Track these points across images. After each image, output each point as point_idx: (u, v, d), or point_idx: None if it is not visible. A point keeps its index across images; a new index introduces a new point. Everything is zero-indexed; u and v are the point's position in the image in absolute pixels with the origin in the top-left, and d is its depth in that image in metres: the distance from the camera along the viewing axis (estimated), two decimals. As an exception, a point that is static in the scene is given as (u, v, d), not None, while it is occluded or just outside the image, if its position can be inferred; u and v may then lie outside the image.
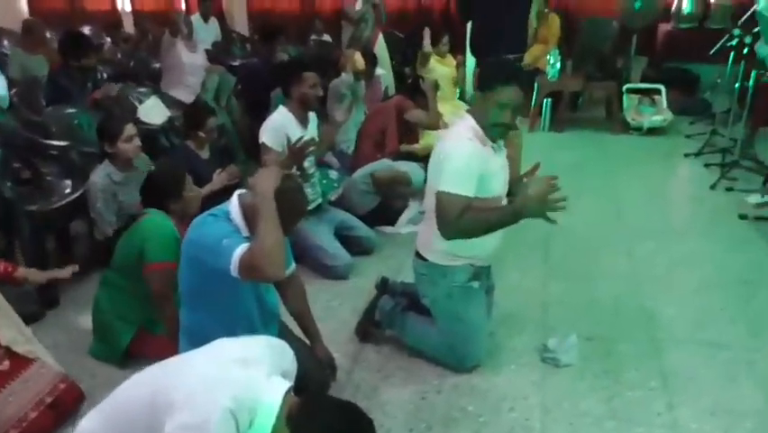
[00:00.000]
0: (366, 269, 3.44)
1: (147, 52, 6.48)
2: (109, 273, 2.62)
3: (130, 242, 2.47)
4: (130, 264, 2.47)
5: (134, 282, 2.49)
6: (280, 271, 1.83)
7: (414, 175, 3.89)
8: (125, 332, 2.59)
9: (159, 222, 2.44)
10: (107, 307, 2.62)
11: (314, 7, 8.30)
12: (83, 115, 3.85)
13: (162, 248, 2.39)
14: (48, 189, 3.36)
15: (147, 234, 2.41)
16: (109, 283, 2.63)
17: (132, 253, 2.45)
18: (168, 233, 2.41)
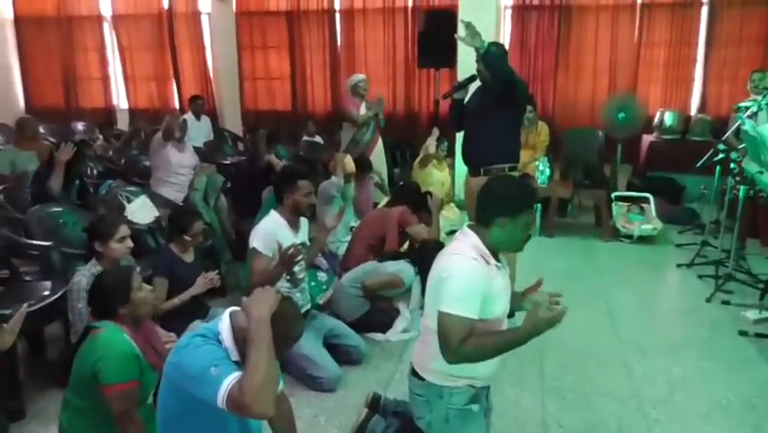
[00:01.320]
0: (354, 380, 3.28)
1: (138, 150, 6.52)
2: (68, 394, 2.40)
3: (84, 360, 2.26)
4: (86, 384, 2.27)
5: (92, 403, 2.27)
6: (269, 410, 1.68)
7: (404, 274, 3.82)
8: None
9: (114, 338, 2.25)
10: (68, 427, 2.39)
11: (306, 108, 8.52)
12: (69, 214, 3.78)
13: (120, 368, 2.19)
14: (25, 291, 3.22)
15: (102, 352, 2.20)
16: (68, 404, 2.40)
17: (87, 373, 2.24)
18: (124, 350, 2.23)
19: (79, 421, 2.37)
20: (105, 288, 2.39)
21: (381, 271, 3.80)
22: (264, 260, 3.15)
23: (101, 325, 2.31)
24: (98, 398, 2.23)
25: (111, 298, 2.36)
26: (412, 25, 7.81)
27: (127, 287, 2.39)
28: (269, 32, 8.52)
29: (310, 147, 6.99)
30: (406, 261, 3.88)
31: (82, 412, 2.36)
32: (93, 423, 2.35)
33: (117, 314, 2.36)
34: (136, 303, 2.41)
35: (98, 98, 9.41)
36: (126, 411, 2.21)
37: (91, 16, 9.18)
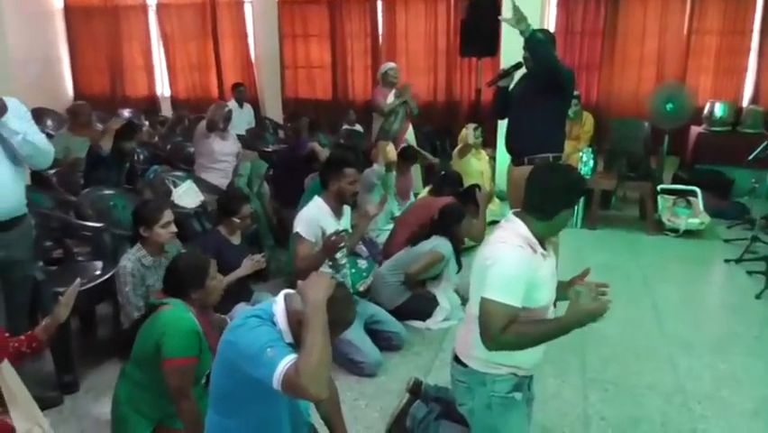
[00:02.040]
0: (394, 366, 3.30)
1: (182, 137, 6.66)
2: (128, 366, 2.51)
3: (148, 334, 2.36)
4: (148, 358, 2.36)
5: (153, 377, 2.37)
6: (323, 392, 1.70)
7: (441, 248, 3.81)
8: (143, 428, 2.45)
9: (179, 315, 2.34)
10: (125, 400, 2.49)
11: (346, 97, 8.54)
12: (119, 197, 3.89)
13: (181, 343, 2.28)
14: (78, 270, 3.32)
15: (166, 328, 2.30)
16: (128, 376, 2.51)
17: (150, 347, 2.34)
18: (188, 327, 2.31)
19: (137, 394, 2.46)
20: (182, 271, 2.47)
21: (419, 254, 3.80)
22: (307, 245, 3.19)
23: (168, 301, 2.39)
24: (157, 372, 2.31)
25: (186, 281, 2.45)
26: (454, 13, 7.75)
27: (204, 273, 2.47)
28: (310, 20, 8.57)
29: (350, 135, 7.01)
30: (437, 235, 3.88)
31: (140, 385, 2.45)
32: (149, 396, 2.44)
33: (189, 297, 2.44)
34: (209, 290, 2.49)
35: (142, 87, 9.63)
36: (182, 387, 2.29)
37: (136, 6, 9.37)
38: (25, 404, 2.19)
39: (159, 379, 2.31)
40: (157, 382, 2.35)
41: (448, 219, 3.90)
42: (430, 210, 4.06)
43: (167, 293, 2.49)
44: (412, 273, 3.75)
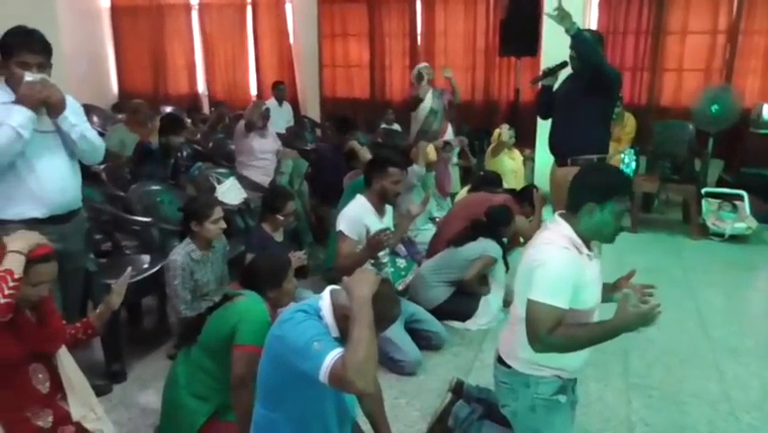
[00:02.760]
0: (434, 366, 3.31)
1: (223, 134, 6.78)
2: (195, 350, 2.55)
3: (223, 320, 2.42)
4: (218, 344, 2.41)
5: (219, 364, 2.42)
6: (370, 386, 1.73)
7: (492, 251, 3.81)
8: (200, 414, 2.49)
9: (255, 304, 2.41)
10: (185, 384, 2.54)
11: (384, 96, 8.57)
12: (165, 193, 3.98)
13: (254, 331, 2.32)
14: (126, 263, 3.41)
15: (243, 315, 2.37)
16: (192, 360, 2.55)
17: (223, 332, 2.40)
18: (263, 317, 2.36)
19: (199, 378, 2.51)
20: (263, 269, 2.54)
21: (466, 258, 3.78)
22: (350, 243, 3.22)
23: (244, 292, 2.45)
24: (225, 359, 2.36)
25: (265, 279, 2.51)
26: (494, 13, 7.70)
27: (282, 275, 2.53)
28: (349, 19, 8.61)
29: (388, 135, 7.03)
30: (483, 237, 3.86)
31: (205, 370, 2.50)
32: (212, 382, 2.49)
33: (265, 295, 2.49)
34: (284, 291, 2.54)
35: (184, 84, 9.80)
36: (246, 375, 2.31)
37: (179, 5, 9.54)
38: (81, 390, 2.26)
39: (224, 367, 2.37)
40: (222, 369, 2.40)
41: (497, 222, 3.88)
42: (486, 206, 4.02)
43: (244, 287, 2.55)
44: (469, 280, 3.75)
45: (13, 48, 2.41)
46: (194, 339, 2.59)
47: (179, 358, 2.67)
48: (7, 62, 2.41)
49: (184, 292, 3.04)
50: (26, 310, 2.09)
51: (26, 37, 2.45)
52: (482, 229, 3.87)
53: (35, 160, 2.50)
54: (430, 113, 5.60)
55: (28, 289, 2.00)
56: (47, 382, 2.17)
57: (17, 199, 2.48)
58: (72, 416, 2.17)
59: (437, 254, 3.97)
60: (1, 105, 2.40)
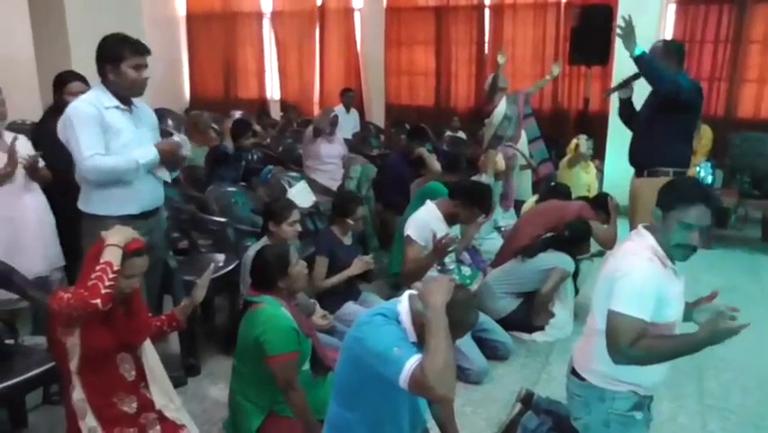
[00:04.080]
0: (500, 376, 3.29)
1: (292, 139, 6.95)
2: (235, 361, 2.66)
3: (247, 331, 2.48)
4: (249, 353, 2.49)
5: (256, 370, 2.50)
6: (450, 393, 1.75)
7: (566, 265, 3.75)
8: (255, 416, 2.58)
9: (274, 313, 2.45)
10: (238, 390, 2.65)
11: (449, 104, 8.57)
12: (240, 194, 4.12)
13: (282, 341, 2.39)
14: (203, 261, 3.55)
15: (264, 326, 2.42)
16: (237, 372, 2.66)
17: (250, 343, 2.47)
18: (285, 324, 2.42)
19: (246, 386, 2.60)
20: (265, 262, 2.60)
21: (537, 268, 3.72)
22: (417, 248, 3.25)
23: (261, 300, 2.51)
24: (260, 366, 2.44)
25: (271, 271, 2.56)
26: (564, 21, 7.59)
27: (285, 261, 2.59)
28: (416, 27, 8.65)
29: (454, 142, 7.03)
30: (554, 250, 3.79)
31: (247, 378, 2.59)
32: (256, 388, 2.57)
33: (276, 287, 2.55)
34: (293, 277, 2.61)
35: (253, 90, 10.08)
36: (289, 379, 2.41)
37: (252, 13, 9.82)
38: (162, 381, 2.37)
39: (262, 371, 2.45)
40: (260, 374, 2.48)
41: (576, 238, 3.81)
42: (561, 212, 3.94)
43: (256, 288, 2.61)
44: (546, 293, 3.71)
45: (123, 53, 2.58)
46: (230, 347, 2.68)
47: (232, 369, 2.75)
48: (118, 66, 2.58)
49: (259, 290, 3.13)
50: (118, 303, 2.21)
51: (133, 42, 2.63)
52: (557, 242, 3.79)
53: None
54: (504, 119, 5.58)
55: (122, 281, 2.11)
56: (132, 371, 2.28)
57: (117, 198, 2.65)
58: (155, 403, 2.28)
59: (505, 264, 3.93)
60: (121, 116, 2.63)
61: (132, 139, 2.66)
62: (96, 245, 2.17)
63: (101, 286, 2.00)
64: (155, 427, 2.24)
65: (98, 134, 2.56)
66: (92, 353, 2.13)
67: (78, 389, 2.13)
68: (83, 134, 2.54)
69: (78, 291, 2.04)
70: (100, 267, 2.04)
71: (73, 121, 2.54)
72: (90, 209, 2.67)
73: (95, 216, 2.64)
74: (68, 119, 2.57)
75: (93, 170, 2.57)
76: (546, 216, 4.12)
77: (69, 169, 2.66)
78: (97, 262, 2.08)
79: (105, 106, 2.59)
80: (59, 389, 2.73)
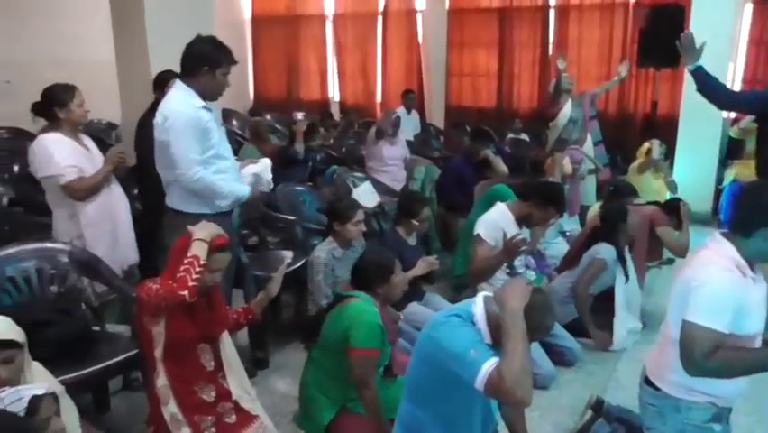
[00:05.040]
0: (566, 382, 3.25)
1: (354, 140, 7.04)
2: (316, 351, 2.72)
3: (337, 323, 2.54)
4: (334, 345, 2.54)
5: (337, 363, 2.55)
6: (528, 398, 1.74)
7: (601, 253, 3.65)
8: (327, 409, 2.64)
9: (366, 308, 2.50)
10: (312, 382, 2.71)
11: (511, 105, 8.49)
12: (308, 194, 4.21)
13: (367, 335, 2.44)
14: (272, 258, 3.65)
15: (354, 319, 2.47)
16: (315, 361, 2.73)
17: (337, 335, 2.52)
18: (373, 321, 2.46)
19: (322, 378, 2.66)
20: (370, 266, 2.65)
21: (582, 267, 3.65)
22: (486, 247, 3.26)
23: (355, 294, 2.56)
24: (342, 359, 2.49)
25: (374, 275, 2.61)
26: (633, 21, 7.41)
27: (390, 269, 2.63)
28: (478, 29, 8.63)
29: (516, 145, 6.96)
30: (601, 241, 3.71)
31: (326, 370, 2.65)
32: (334, 381, 2.62)
33: (374, 291, 2.60)
34: (393, 285, 2.65)
35: (315, 91, 10.26)
36: (365, 376, 2.45)
37: (315, 15, 10.00)
38: (238, 372, 2.45)
39: (343, 365, 2.49)
40: (341, 368, 2.52)
41: (612, 220, 3.68)
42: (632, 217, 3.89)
43: (354, 286, 2.67)
44: (579, 290, 3.60)
45: (221, 60, 2.69)
46: (314, 339, 2.74)
47: (309, 356, 2.82)
48: (214, 71, 2.68)
49: (325, 287, 3.20)
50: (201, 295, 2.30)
51: (229, 51, 2.75)
52: (600, 234, 3.71)
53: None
54: (569, 121, 5.50)
55: (207, 275, 2.20)
56: (211, 362, 2.37)
57: (191, 196, 2.76)
58: (231, 393, 2.36)
59: (571, 269, 3.87)
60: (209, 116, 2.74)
61: (220, 138, 2.78)
62: (182, 239, 2.27)
63: (188, 278, 2.10)
64: (231, 416, 2.32)
65: (198, 141, 2.68)
66: (176, 342, 2.23)
67: (162, 376, 2.23)
68: (187, 143, 2.65)
69: (167, 282, 2.14)
70: (188, 260, 2.14)
71: (177, 127, 2.63)
72: (174, 205, 2.81)
73: (178, 211, 2.78)
74: (170, 125, 2.64)
75: (196, 184, 2.71)
76: None
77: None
78: (184, 255, 2.18)
79: (196, 107, 2.69)
80: (141, 375, 2.87)
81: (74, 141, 3.02)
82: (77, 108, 2.96)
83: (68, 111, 2.95)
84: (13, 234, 3.45)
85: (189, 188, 2.73)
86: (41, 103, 2.98)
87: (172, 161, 2.67)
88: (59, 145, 2.95)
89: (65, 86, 2.99)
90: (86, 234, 2.99)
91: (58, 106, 2.94)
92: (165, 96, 2.83)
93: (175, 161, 2.67)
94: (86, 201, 2.99)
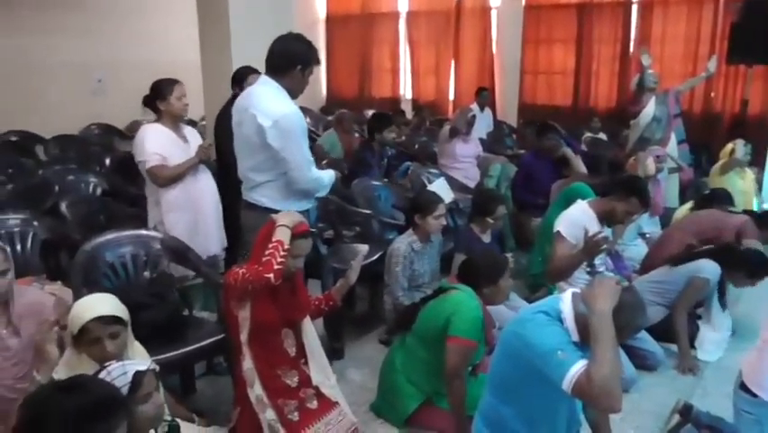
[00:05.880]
0: (649, 386, 3.14)
1: (426, 137, 7.04)
2: (410, 339, 2.74)
3: (437, 311, 2.56)
4: (431, 334, 2.55)
5: (431, 353, 2.56)
6: (617, 405, 1.70)
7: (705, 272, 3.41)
8: (413, 399, 2.68)
9: (469, 299, 2.51)
10: (401, 369, 2.73)
11: (587, 104, 8.26)
12: (383, 188, 4.25)
13: (468, 325, 2.44)
14: (347, 251, 3.70)
15: (457, 307, 2.49)
16: (407, 348, 2.75)
17: (437, 322, 2.54)
18: (476, 313, 2.46)
19: (413, 365, 2.69)
20: (482, 265, 2.67)
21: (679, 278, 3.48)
22: (567, 245, 3.19)
23: (459, 286, 2.58)
24: (437, 349, 2.51)
25: (483, 276, 2.62)
26: (723, 16, 7.06)
27: (500, 272, 2.64)
28: (556, 25, 8.44)
29: (594, 144, 6.77)
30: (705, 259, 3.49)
31: (419, 358, 2.68)
32: (425, 370, 2.66)
33: (480, 289, 2.61)
34: (500, 289, 2.65)
35: (387, 88, 10.31)
36: (459, 366, 2.46)
37: (389, 13, 10.05)
38: (320, 359, 2.51)
39: (437, 355, 2.50)
40: (435, 357, 2.54)
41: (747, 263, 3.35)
42: (719, 224, 3.69)
43: (460, 280, 2.68)
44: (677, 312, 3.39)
45: (312, 61, 2.75)
46: (408, 328, 2.75)
47: (396, 344, 2.84)
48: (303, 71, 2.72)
49: (403, 279, 3.23)
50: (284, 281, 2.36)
51: (317, 52, 2.80)
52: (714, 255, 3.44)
53: None
54: (653, 119, 5.30)
55: (289, 260, 2.26)
56: (294, 347, 2.44)
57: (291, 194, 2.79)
58: (312, 379, 2.42)
59: (653, 272, 3.72)
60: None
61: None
62: (266, 226, 2.34)
63: (274, 262, 2.16)
64: (313, 401, 2.38)
65: (306, 140, 2.75)
66: (260, 326, 2.31)
67: (248, 359, 2.31)
68: (302, 145, 2.71)
69: (252, 267, 2.22)
70: (272, 245, 2.21)
71: (293, 130, 2.66)
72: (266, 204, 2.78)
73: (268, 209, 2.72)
74: (285, 130, 2.63)
75: (313, 183, 2.80)
76: (702, 225, 3.85)
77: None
78: (268, 241, 2.25)
79: (296, 107, 2.74)
80: (226, 359, 2.99)
81: (172, 132, 3.19)
82: (175, 101, 3.13)
83: (167, 103, 3.12)
84: (108, 222, 3.66)
85: (304, 187, 2.77)
86: (148, 96, 3.18)
87: (286, 163, 2.67)
88: (153, 134, 3.14)
89: (168, 80, 3.17)
90: (165, 220, 3.16)
91: (159, 99, 3.13)
92: (246, 91, 2.88)
93: (291, 164, 2.67)
94: (169, 188, 3.15)
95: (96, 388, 1.40)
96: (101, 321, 1.86)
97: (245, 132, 2.75)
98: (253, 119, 2.67)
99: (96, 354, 1.86)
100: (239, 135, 2.84)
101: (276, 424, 2.25)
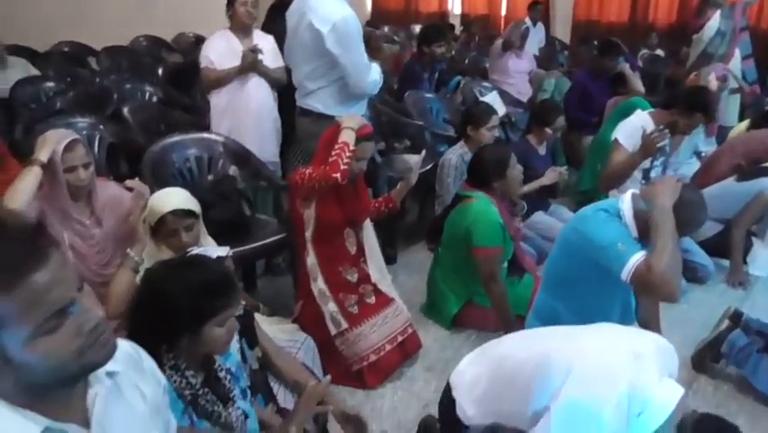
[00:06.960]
0: (698, 299, 3.18)
1: (476, 52, 6.87)
2: (441, 251, 2.85)
3: (457, 223, 2.64)
4: (457, 244, 2.65)
5: (462, 260, 2.66)
6: (675, 294, 1.76)
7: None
8: (454, 303, 2.81)
9: (485, 208, 2.57)
10: (441, 280, 2.86)
11: (646, 19, 7.87)
12: (435, 101, 4.23)
13: (489, 234, 2.53)
14: (399, 162, 3.75)
15: (475, 218, 2.56)
16: (441, 261, 2.86)
17: (459, 234, 2.63)
18: (493, 219, 2.54)
19: (449, 276, 2.81)
20: (485, 161, 2.69)
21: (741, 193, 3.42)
22: (623, 153, 3.17)
23: (473, 195, 2.63)
24: (466, 255, 2.60)
25: (489, 170, 2.66)
26: None
27: (505, 163, 2.66)
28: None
29: (652, 61, 6.51)
30: None
31: (452, 268, 2.78)
32: (460, 277, 2.76)
33: (491, 186, 2.64)
34: (510, 179, 2.68)
35: (434, 3, 9.99)
36: (492, 272, 2.55)
37: None
38: (378, 259, 2.63)
39: (467, 262, 2.61)
40: (465, 264, 2.64)
41: None
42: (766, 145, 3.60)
43: (471, 184, 2.72)
44: (737, 228, 3.36)
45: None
46: (438, 239, 2.83)
47: (434, 259, 2.94)
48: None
49: (454, 190, 3.26)
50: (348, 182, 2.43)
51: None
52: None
53: None
54: (717, 34, 5.05)
55: (354, 162, 2.33)
56: (354, 247, 2.55)
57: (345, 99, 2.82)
58: (371, 277, 2.54)
59: (709, 188, 3.66)
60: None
61: None
62: (330, 129, 2.39)
63: (340, 162, 2.23)
64: (371, 297, 2.51)
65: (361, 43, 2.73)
66: (324, 225, 2.41)
67: (312, 255, 2.43)
68: (361, 49, 2.71)
69: (319, 167, 2.29)
70: (339, 146, 2.27)
71: (352, 35, 2.66)
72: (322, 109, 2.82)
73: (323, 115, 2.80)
74: (349, 34, 2.64)
75: (372, 86, 2.81)
76: (749, 144, 3.75)
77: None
78: (333, 143, 2.31)
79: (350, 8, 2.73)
80: (284, 259, 3.13)
81: (237, 38, 3.18)
82: (240, 7, 3.13)
83: (233, 10, 3.15)
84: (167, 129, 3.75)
85: (364, 91, 2.80)
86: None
87: (344, 68, 2.68)
88: (214, 39, 3.22)
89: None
90: (211, 123, 3.25)
91: (228, 4, 3.17)
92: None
93: (350, 69, 2.68)
94: (213, 93, 3.23)
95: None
96: (176, 214, 1.96)
97: (301, 38, 2.74)
98: (310, 25, 2.65)
99: (175, 244, 1.97)
100: (294, 42, 2.83)
101: (338, 315, 2.39)
